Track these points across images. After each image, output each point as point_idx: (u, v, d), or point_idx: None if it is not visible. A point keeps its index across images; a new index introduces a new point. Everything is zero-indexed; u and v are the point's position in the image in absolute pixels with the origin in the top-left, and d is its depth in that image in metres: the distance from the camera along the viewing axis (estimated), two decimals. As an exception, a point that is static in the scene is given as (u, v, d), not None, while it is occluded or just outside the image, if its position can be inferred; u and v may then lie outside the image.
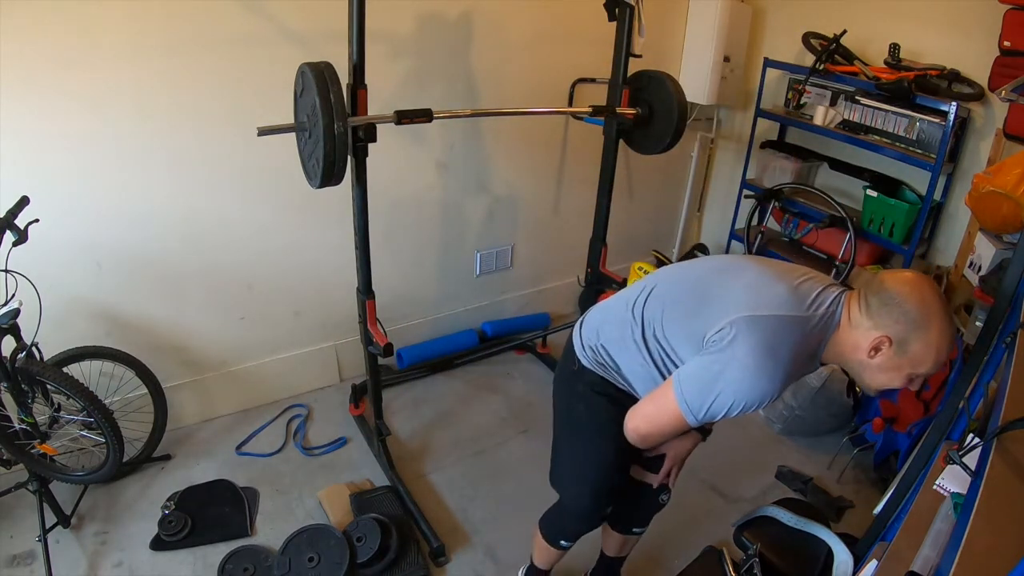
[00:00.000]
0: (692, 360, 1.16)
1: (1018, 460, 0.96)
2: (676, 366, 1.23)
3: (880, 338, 1.08)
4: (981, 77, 2.37)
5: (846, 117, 2.74)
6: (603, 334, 1.35)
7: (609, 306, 1.40)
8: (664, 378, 1.25)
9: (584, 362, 1.39)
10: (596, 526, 1.55)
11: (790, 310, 1.12)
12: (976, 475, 1.03)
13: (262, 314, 2.46)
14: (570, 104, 2.74)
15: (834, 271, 2.78)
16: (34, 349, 1.79)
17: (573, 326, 1.47)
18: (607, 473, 1.40)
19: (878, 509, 1.78)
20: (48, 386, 1.83)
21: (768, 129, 3.15)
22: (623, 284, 2.54)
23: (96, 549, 1.92)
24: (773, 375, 1.07)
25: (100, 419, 1.83)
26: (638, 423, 1.25)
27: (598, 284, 2.71)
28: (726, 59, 2.97)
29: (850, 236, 2.69)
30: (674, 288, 1.28)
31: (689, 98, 2.60)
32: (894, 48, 2.55)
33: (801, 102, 2.92)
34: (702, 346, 1.15)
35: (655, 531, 2.12)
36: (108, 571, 1.86)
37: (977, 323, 2.23)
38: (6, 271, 1.64)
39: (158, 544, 1.94)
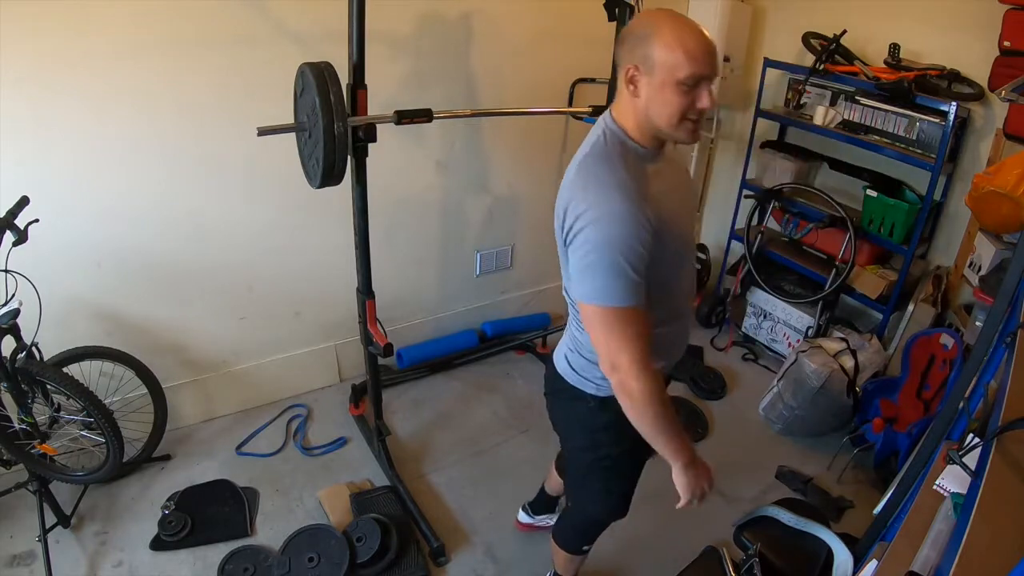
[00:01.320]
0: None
1: (1018, 460, 0.97)
2: None
3: (627, 73, 1.07)
4: (981, 77, 2.37)
5: (846, 117, 2.74)
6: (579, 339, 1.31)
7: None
8: None
9: (589, 391, 1.32)
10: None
11: (582, 151, 1.16)
12: (976, 475, 1.04)
13: (262, 314, 2.46)
14: (570, 104, 2.74)
15: (834, 271, 2.78)
16: (34, 349, 1.79)
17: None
18: (635, 481, 1.51)
19: (878, 509, 1.78)
20: (48, 386, 1.83)
21: (768, 129, 3.15)
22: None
23: (96, 549, 1.92)
24: (614, 193, 1.05)
25: (100, 419, 1.83)
26: (609, 367, 1.12)
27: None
28: (726, 59, 2.97)
29: (850, 236, 2.69)
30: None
31: (689, 98, 2.59)
32: (894, 48, 2.55)
33: (801, 102, 2.92)
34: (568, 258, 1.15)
35: (655, 531, 2.13)
36: (108, 571, 1.86)
37: (977, 323, 2.23)
38: (6, 271, 1.64)
39: (158, 544, 1.94)
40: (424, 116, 1.76)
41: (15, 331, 1.74)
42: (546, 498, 2.00)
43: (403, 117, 1.73)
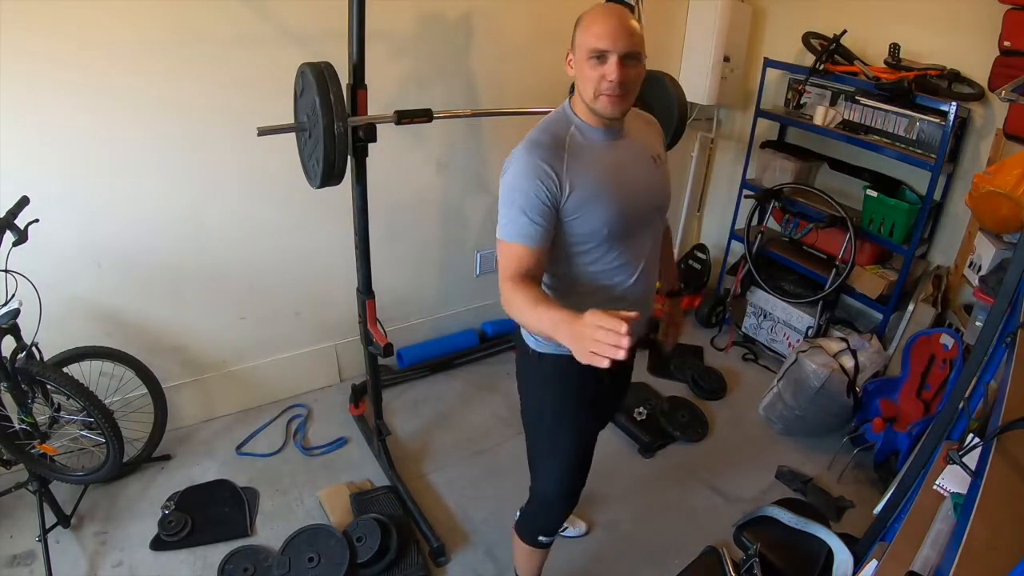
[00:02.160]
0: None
1: (1018, 460, 0.97)
2: None
3: (566, 56, 1.28)
4: (981, 77, 2.37)
5: (846, 117, 2.74)
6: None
7: None
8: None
9: (531, 344, 1.41)
10: (574, 507, 1.60)
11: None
12: (976, 475, 1.04)
13: (262, 314, 2.46)
14: (570, 104, 2.73)
15: (834, 271, 2.78)
16: (34, 349, 1.79)
17: None
18: (583, 461, 1.53)
19: (878, 509, 1.78)
20: (48, 386, 1.83)
21: (768, 129, 3.15)
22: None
23: (96, 549, 1.92)
24: (522, 149, 1.22)
25: (100, 419, 1.83)
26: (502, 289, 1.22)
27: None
28: (726, 59, 2.97)
29: (850, 236, 2.69)
30: None
31: (689, 98, 2.60)
32: (894, 48, 2.55)
33: (801, 102, 2.92)
34: None
35: (655, 531, 2.13)
36: (108, 571, 1.86)
37: (977, 323, 2.23)
38: (6, 271, 1.64)
39: (158, 544, 1.94)
40: (424, 116, 1.76)
41: (15, 331, 1.74)
42: None
43: (403, 117, 1.73)
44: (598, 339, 0.92)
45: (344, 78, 1.57)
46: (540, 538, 1.61)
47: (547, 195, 1.19)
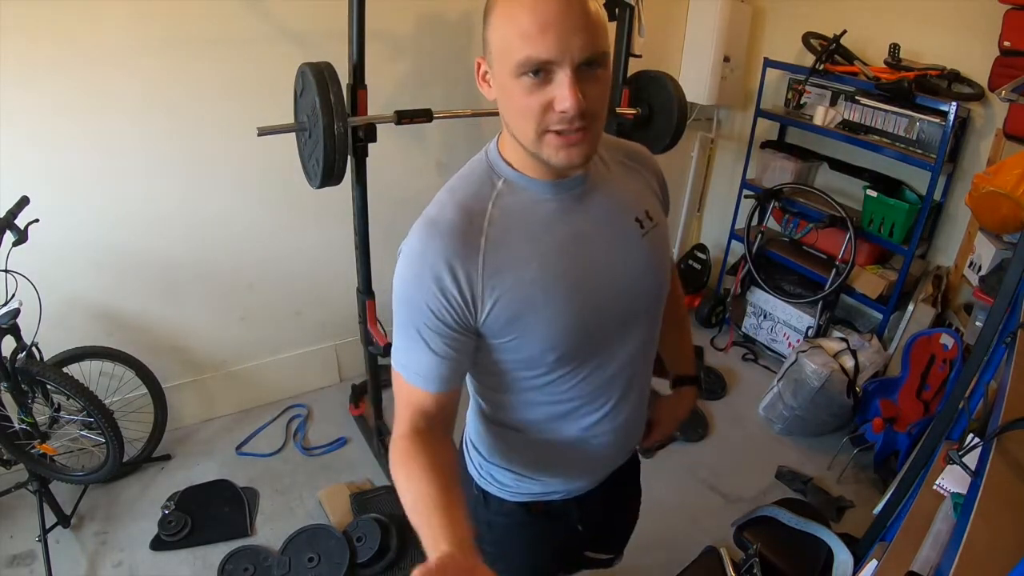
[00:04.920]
0: None
1: (1018, 460, 0.96)
2: None
3: (478, 68, 0.78)
4: (981, 77, 2.37)
5: (846, 117, 2.73)
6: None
7: None
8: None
9: (471, 471, 1.05)
10: None
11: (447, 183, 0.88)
12: (976, 475, 1.04)
13: (262, 314, 2.46)
14: (570, 104, 2.73)
15: (834, 271, 2.78)
16: (34, 349, 1.79)
17: None
18: None
19: (878, 509, 1.78)
20: (48, 386, 1.83)
21: (768, 129, 3.15)
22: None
23: (96, 549, 1.92)
24: (417, 237, 0.82)
25: (100, 419, 1.83)
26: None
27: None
28: (726, 59, 2.97)
29: (850, 236, 2.68)
30: None
31: (689, 98, 2.59)
32: (894, 48, 2.55)
33: (801, 102, 2.92)
34: None
35: (655, 531, 2.12)
36: (108, 571, 1.86)
37: (977, 323, 2.23)
38: (6, 271, 1.65)
39: (158, 544, 1.94)
40: (424, 116, 1.76)
41: (15, 331, 1.74)
42: None
43: (403, 117, 1.73)
44: None
45: (344, 78, 1.57)
46: None
47: (452, 313, 0.77)
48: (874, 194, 2.65)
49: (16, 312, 1.69)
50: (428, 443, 0.78)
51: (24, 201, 1.68)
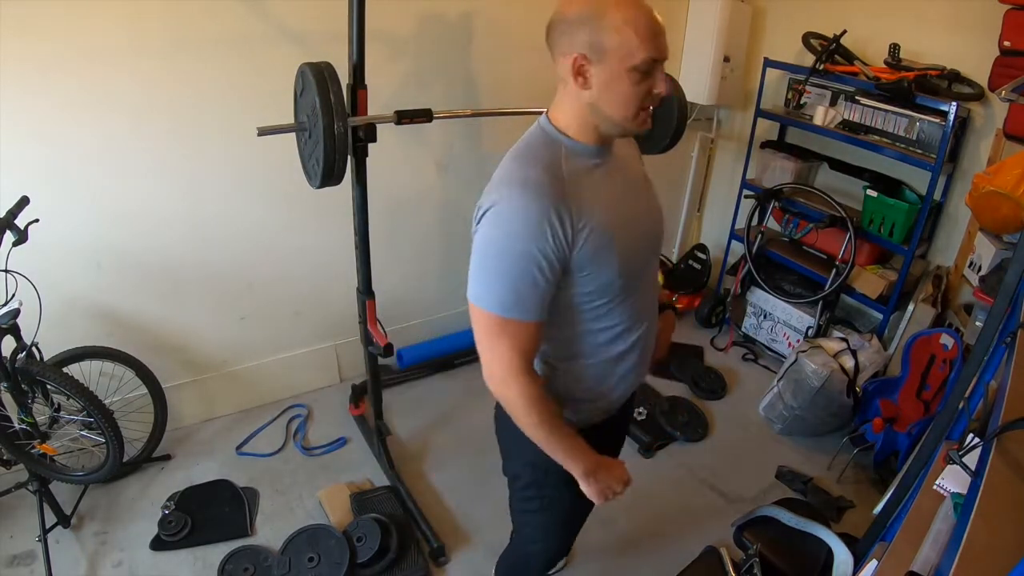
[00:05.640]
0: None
1: (1018, 460, 0.96)
2: None
3: (574, 64, 0.94)
4: (981, 77, 2.37)
5: (846, 117, 2.73)
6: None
7: None
8: None
9: None
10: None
11: (507, 157, 1.04)
12: (976, 475, 1.03)
13: (262, 314, 2.46)
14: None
15: (834, 271, 2.78)
16: (34, 349, 1.79)
17: None
18: (579, 526, 1.41)
19: (878, 509, 1.78)
20: (48, 386, 1.83)
21: (768, 129, 3.15)
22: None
23: (96, 549, 1.92)
24: (517, 191, 0.95)
25: (100, 419, 1.83)
26: (487, 374, 1.06)
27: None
28: (726, 59, 2.97)
29: (850, 236, 2.68)
30: None
31: (689, 98, 2.60)
32: (894, 48, 2.55)
33: (801, 102, 2.92)
34: None
35: (655, 531, 2.13)
36: (108, 571, 1.86)
37: (977, 323, 2.23)
38: (6, 271, 1.64)
39: (158, 544, 1.94)
40: (424, 116, 1.76)
41: (15, 331, 1.74)
42: None
43: (403, 117, 1.73)
44: (618, 493, 1.13)
45: (344, 78, 1.57)
46: None
47: (557, 252, 0.95)
48: (874, 194, 2.65)
49: (16, 312, 1.68)
50: (537, 380, 1.03)
51: (24, 201, 1.68)
